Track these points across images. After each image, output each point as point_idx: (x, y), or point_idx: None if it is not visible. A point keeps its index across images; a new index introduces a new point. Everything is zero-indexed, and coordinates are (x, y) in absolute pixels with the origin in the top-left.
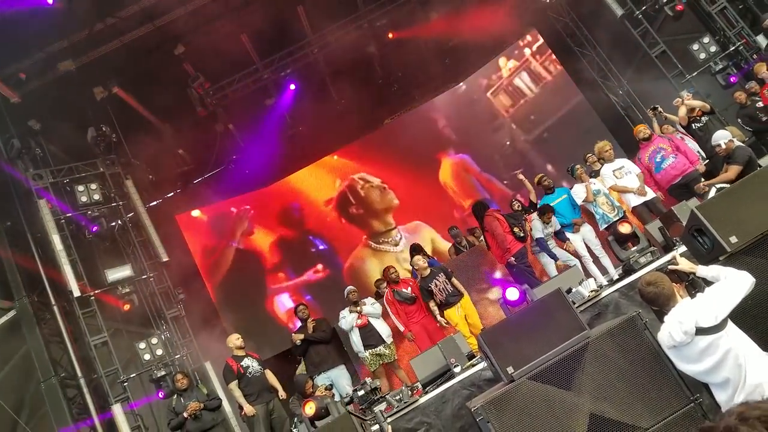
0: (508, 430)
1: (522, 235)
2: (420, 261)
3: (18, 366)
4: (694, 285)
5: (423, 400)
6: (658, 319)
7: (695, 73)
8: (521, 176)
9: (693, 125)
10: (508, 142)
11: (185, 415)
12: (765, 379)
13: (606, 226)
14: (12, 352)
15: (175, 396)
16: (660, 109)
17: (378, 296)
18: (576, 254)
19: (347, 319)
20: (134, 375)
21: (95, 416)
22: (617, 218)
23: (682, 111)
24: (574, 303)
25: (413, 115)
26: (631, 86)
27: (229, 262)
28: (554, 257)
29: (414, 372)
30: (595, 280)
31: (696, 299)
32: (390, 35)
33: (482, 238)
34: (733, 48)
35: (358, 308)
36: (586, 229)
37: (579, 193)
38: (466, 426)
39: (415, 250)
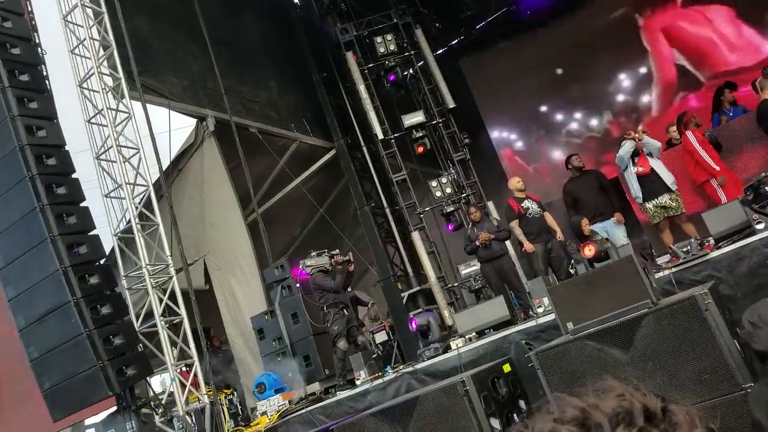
0: None
1: None
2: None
3: (339, 196)
4: None
5: (714, 254)
6: None
7: None
8: None
9: None
10: None
11: (477, 243)
12: None
13: None
14: (333, 185)
15: (470, 225)
16: None
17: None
18: None
19: (624, 147)
20: (428, 208)
21: (399, 240)
22: None
23: None
24: None
25: None
26: None
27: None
28: None
29: (706, 226)
30: None
31: None
32: None
33: None
34: None
35: (637, 135)
36: None
37: None
38: (764, 285)
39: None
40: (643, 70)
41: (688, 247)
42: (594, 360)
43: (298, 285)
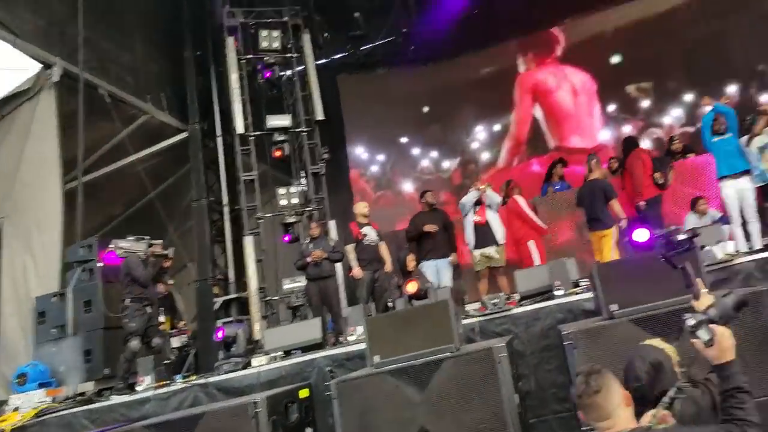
0: (593, 362)
1: (661, 182)
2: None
3: (177, 183)
4: None
5: (517, 311)
6: None
7: None
8: None
9: None
10: None
11: (308, 260)
12: None
13: (762, 184)
14: (174, 170)
15: (308, 240)
16: None
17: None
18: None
19: (468, 195)
20: (269, 215)
21: (229, 241)
22: None
23: None
24: (704, 262)
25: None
26: None
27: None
28: None
29: (516, 283)
30: (735, 243)
31: None
32: None
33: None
34: None
35: (483, 187)
36: (746, 185)
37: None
38: (551, 347)
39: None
40: (498, 127)
41: (497, 300)
42: (389, 396)
43: (101, 266)
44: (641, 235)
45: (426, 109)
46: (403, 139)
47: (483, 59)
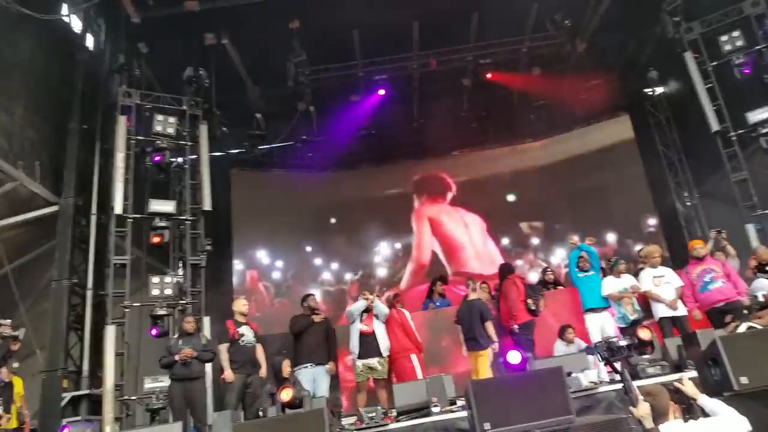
0: None
1: (533, 308)
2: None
3: (39, 257)
4: (690, 411)
5: (393, 426)
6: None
7: None
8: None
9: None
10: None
11: (176, 358)
12: None
13: (624, 326)
14: (39, 243)
15: (177, 336)
16: (724, 234)
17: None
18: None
19: (357, 304)
20: (138, 304)
21: (87, 330)
22: (636, 320)
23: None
24: (570, 387)
25: (480, 156)
26: (701, 202)
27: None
28: None
29: (394, 397)
30: (598, 373)
31: (687, 425)
32: (488, 75)
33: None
34: None
35: (371, 297)
36: (607, 320)
37: (609, 286)
38: None
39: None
40: (399, 245)
41: (374, 414)
42: None
43: None
44: (514, 357)
45: (333, 220)
46: (308, 248)
47: (382, 176)
